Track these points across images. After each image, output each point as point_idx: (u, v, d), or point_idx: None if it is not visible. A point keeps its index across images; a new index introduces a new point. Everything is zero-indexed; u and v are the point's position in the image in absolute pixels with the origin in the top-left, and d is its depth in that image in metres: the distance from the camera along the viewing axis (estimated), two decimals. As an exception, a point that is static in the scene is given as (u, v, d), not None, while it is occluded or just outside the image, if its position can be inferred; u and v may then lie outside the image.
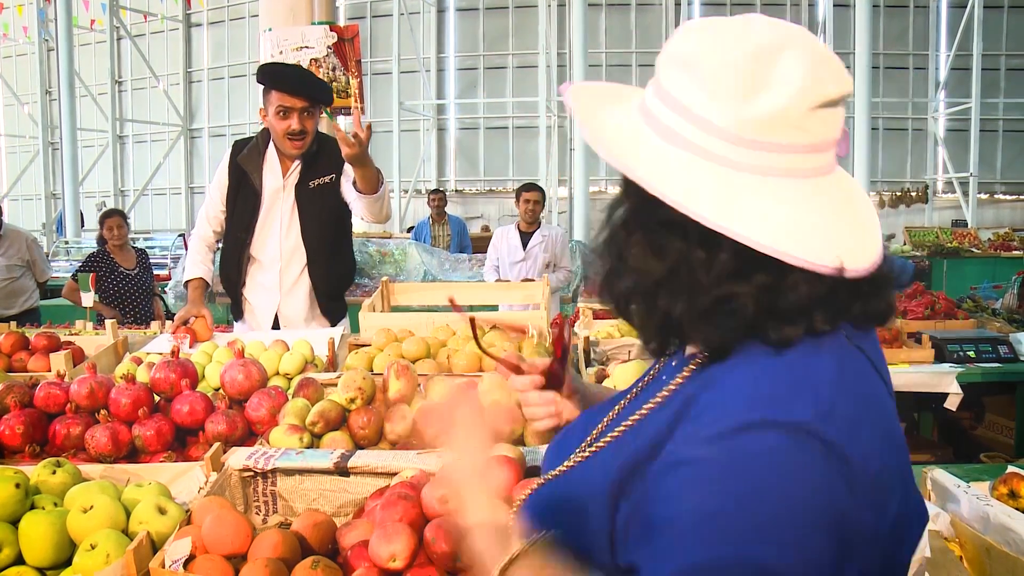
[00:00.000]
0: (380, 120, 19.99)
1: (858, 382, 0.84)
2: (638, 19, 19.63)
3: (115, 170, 21.37)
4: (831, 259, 0.79)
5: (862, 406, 0.82)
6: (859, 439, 0.78)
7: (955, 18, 18.70)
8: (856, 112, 14.18)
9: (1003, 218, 19.03)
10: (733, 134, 0.81)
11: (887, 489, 0.80)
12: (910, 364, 3.79)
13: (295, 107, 3.09)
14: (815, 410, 0.78)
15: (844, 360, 0.84)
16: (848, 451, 0.77)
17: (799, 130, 0.81)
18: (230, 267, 3.39)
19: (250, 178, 3.28)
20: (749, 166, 0.81)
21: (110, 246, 5.89)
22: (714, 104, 0.82)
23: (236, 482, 1.61)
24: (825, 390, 0.80)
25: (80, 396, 1.97)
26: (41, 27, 19.93)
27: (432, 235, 9.20)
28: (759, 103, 0.80)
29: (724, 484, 0.76)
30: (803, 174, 0.82)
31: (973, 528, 1.55)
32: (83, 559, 1.38)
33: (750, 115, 0.80)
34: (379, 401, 1.96)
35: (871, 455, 0.79)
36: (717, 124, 0.82)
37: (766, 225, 0.79)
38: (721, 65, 0.82)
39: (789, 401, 0.79)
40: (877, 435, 0.81)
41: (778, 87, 0.80)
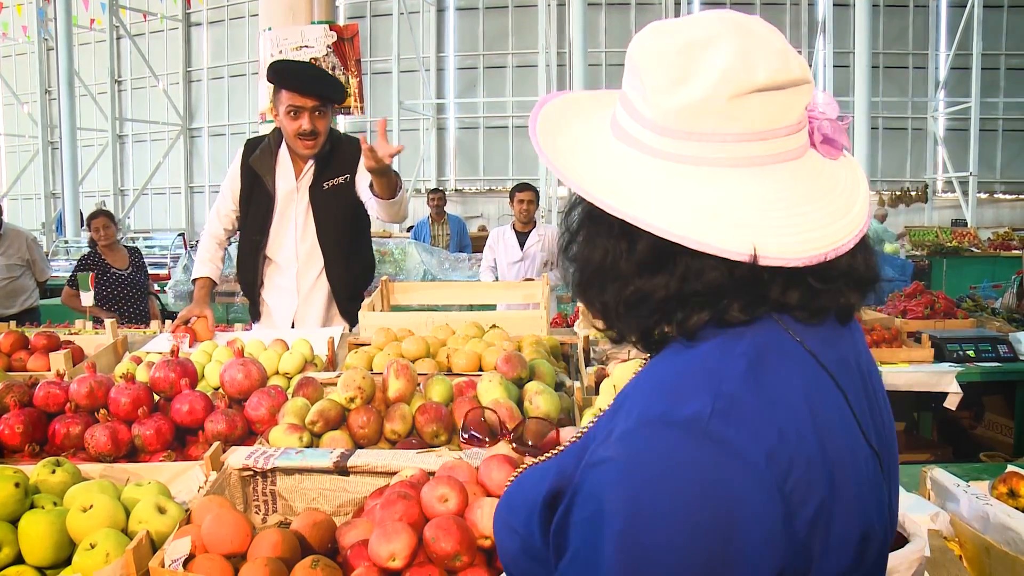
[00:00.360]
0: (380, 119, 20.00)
1: (779, 378, 0.81)
2: (638, 18, 19.63)
3: (115, 169, 21.38)
4: (744, 246, 0.78)
5: (779, 402, 0.79)
6: (764, 436, 0.76)
7: (955, 17, 18.71)
8: (856, 111, 14.19)
9: (1003, 217, 19.03)
10: (660, 125, 0.83)
11: (803, 488, 0.76)
12: (910, 363, 3.79)
13: (306, 107, 3.03)
14: (713, 406, 0.76)
15: (766, 354, 0.82)
16: (746, 448, 0.75)
17: (727, 118, 0.81)
18: (246, 269, 3.36)
19: (263, 180, 3.23)
20: (678, 156, 0.82)
21: (100, 247, 5.87)
22: (646, 97, 0.84)
23: (236, 481, 1.61)
24: (729, 384, 0.78)
25: (80, 395, 1.97)
26: (41, 26, 19.93)
27: (431, 234, 9.21)
28: (680, 93, 0.81)
29: (625, 483, 0.75)
30: (743, 163, 0.82)
31: (973, 527, 1.55)
32: (83, 558, 1.38)
33: (672, 105, 0.82)
34: (379, 400, 1.96)
35: (779, 453, 0.76)
36: (647, 116, 0.84)
37: (679, 214, 0.80)
38: (653, 60, 0.84)
39: (688, 396, 0.78)
40: (793, 432, 0.77)
41: (700, 77, 0.81)
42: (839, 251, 0.81)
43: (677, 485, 0.74)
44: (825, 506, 0.77)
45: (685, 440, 0.75)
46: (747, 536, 0.73)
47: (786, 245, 0.79)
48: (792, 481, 0.76)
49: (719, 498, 0.73)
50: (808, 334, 0.85)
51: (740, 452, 0.75)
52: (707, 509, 0.73)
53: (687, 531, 0.72)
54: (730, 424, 0.75)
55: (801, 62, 0.84)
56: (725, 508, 0.73)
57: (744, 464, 0.74)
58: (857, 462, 0.83)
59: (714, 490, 0.73)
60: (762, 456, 0.75)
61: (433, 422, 1.86)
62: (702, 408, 0.76)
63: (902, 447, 4.52)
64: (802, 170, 0.84)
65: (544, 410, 1.90)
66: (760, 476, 0.74)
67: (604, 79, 18.83)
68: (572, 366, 2.61)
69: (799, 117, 0.84)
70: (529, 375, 2.11)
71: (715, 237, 0.78)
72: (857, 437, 0.84)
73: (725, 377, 0.79)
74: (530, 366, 2.13)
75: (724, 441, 0.75)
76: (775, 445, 0.76)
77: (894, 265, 9.12)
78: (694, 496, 0.73)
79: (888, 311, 4.52)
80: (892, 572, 1.23)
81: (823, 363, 0.84)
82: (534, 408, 1.91)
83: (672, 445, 0.75)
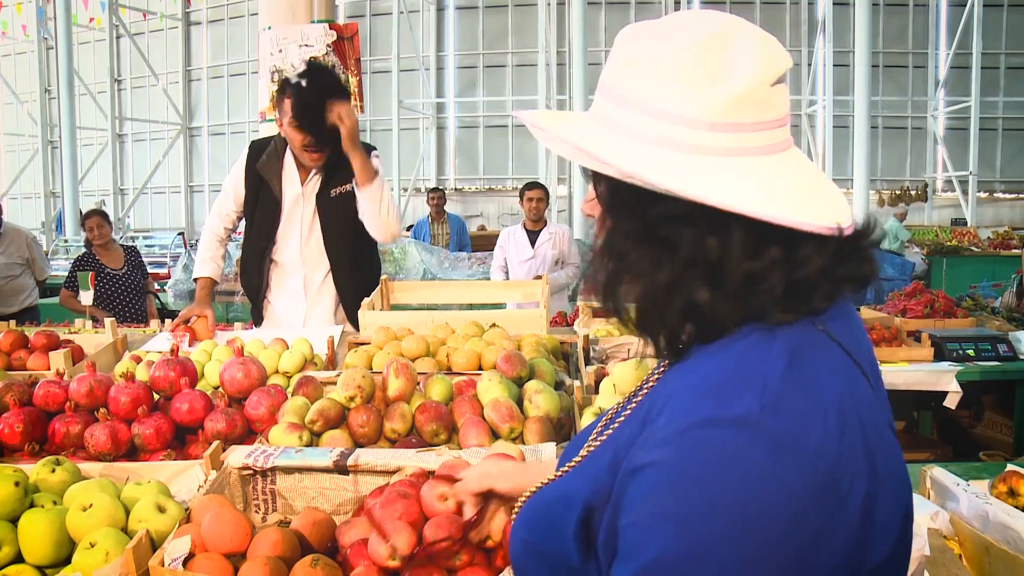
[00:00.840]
0: (380, 119, 20.02)
1: (817, 371, 0.82)
2: (637, 17, 19.59)
3: (114, 169, 21.38)
4: (829, 221, 0.80)
5: (821, 396, 0.80)
6: (812, 430, 0.77)
7: (955, 17, 18.71)
8: (856, 111, 14.20)
9: (1002, 216, 19.05)
10: (707, 121, 0.82)
11: (850, 478, 0.77)
12: (909, 363, 3.79)
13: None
14: (761, 403, 0.77)
15: (801, 349, 0.82)
16: (798, 443, 0.75)
17: (767, 106, 0.83)
18: (251, 274, 3.33)
19: (270, 186, 3.20)
20: (726, 150, 0.82)
21: (95, 247, 5.87)
22: (682, 97, 0.83)
23: (235, 480, 1.61)
24: (773, 383, 0.79)
25: (79, 394, 1.97)
26: (40, 25, 19.92)
27: (431, 233, 9.20)
28: (725, 88, 0.82)
29: (676, 485, 0.75)
30: (777, 148, 0.84)
31: (972, 526, 1.55)
32: (82, 557, 1.38)
33: (720, 100, 0.82)
34: (378, 399, 1.96)
35: (826, 446, 0.76)
36: (687, 115, 0.82)
37: (764, 200, 0.80)
38: (678, 59, 0.83)
39: (734, 397, 0.78)
40: (837, 424, 0.78)
41: (739, 69, 0.82)
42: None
43: (733, 483, 0.73)
44: (871, 494, 0.78)
45: (737, 438, 0.75)
46: (805, 530, 0.74)
47: (840, 215, 0.82)
48: (840, 472, 0.76)
49: (776, 494, 0.73)
50: (830, 323, 0.86)
51: (793, 447, 0.75)
52: (764, 505, 0.73)
53: (743, 528, 0.72)
54: (781, 420, 0.76)
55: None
56: (783, 503, 0.73)
57: (797, 459, 0.75)
58: (891, 446, 0.84)
59: (771, 486, 0.73)
60: (812, 450, 0.75)
61: (433, 421, 1.86)
62: (751, 406, 0.76)
63: (902, 446, 4.53)
64: (795, 150, 0.88)
65: (544, 409, 1.90)
66: (814, 470, 0.75)
67: (604, 78, 18.80)
68: (572, 365, 2.61)
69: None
70: (529, 374, 2.11)
71: (808, 217, 0.80)
72: (884, 420, 0.86)
73: (768, 376, 0.79)
74: (530, 365, 2.13)
75: (777, 437, 0.75)
76: (822, 439, 0.76)
77: (894, 264, 9.11)
78: (752, 493, 0.73)
79: (888, 310, 4.52)
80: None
81: (848, 351, 0.85)
82: (534, 407, 1.91)
83: (724, 444, 0.75)
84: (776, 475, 0.74)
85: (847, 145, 16.31)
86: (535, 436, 1.82)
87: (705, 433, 0.76)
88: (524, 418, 1.88)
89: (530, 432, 1.83)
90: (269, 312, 3.37)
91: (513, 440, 1.82)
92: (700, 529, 0.73)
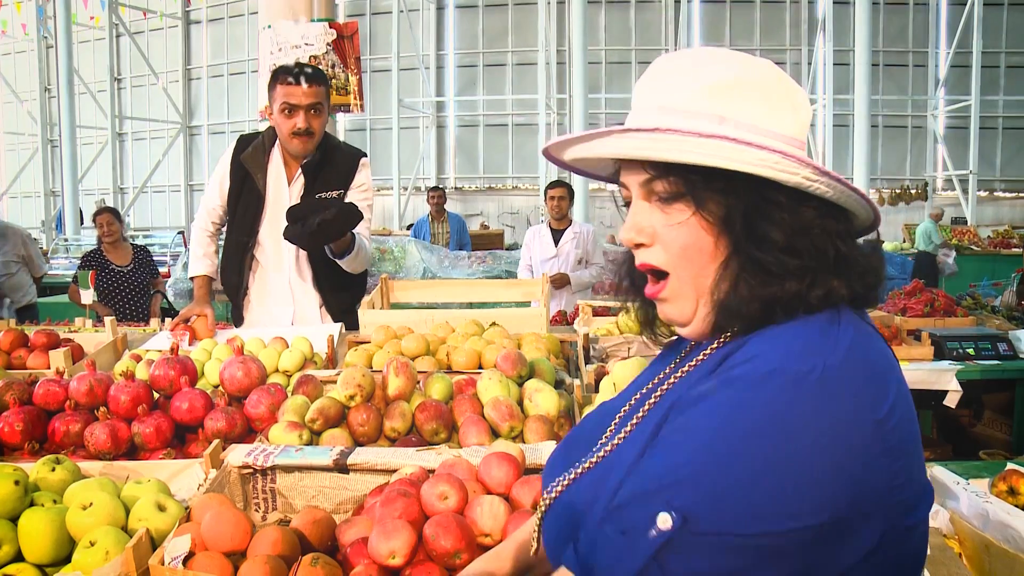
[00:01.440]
0: (380, 117, 20.01)
1: (874, 347, 0.90)
2: (638, 16, 19.63)
3: (114, 167, 21.38)
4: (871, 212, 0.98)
5: (878, 368, 0.87)
6: (870, 396, 0.83)
7: (955, 15, 18.71)
8: (856, 110, 14.19)
9: (1002, 215, 19.05)
10: (795, 139, 0.96)
11: (898, 444, 0.83)
12: (909, 361, 3.79)
13: (300, 104, 2.95)
14: (825, 364, 0.83)
15: (860, 329, 0.91)
16: (853, 405, 0.82)
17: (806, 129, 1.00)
18: (231, 271, 3.26)
19: (253, 179, 3.15)
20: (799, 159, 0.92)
21: (104, 244, 5.89)
22: (783, 116, 0.96)
23: (235, 479, 1.61)
24: (839, 351, 0.85)
25: (79, 393, 1.97)
26: (40, 24, 19.91)
27: (431, 232, 9.20)
28: (801, 115, 0.97)
29: (731, 420, 0.82)
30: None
31: (972, 525, 1.55)
32: (82, 556, 1.38)
33: (802, 122, 0.97)
34: (378, 398, 1.96)
35: (880, 406, 0.83)
36: (784, 133, 0.95)
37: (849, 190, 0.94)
38: (773, 88, 0.96)
39: (800, 357, 0.84)
40: (893, 393, 0.85)
41: (804, 99, 0.98)
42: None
43: (799, 429, 0.80)
44: (912, 461, 0.85)
45: (794, 389, 0.82)
46: (846, 475, 0.79)
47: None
48: (894, 438, 0.83)
49: (831, 446, 0.79)
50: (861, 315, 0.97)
51: (849, 402, 0.82)
52: (817, 453, 0.79)
53: (789, 471, 0.78)
54: (843, 383, 0.83)
55: None
56: (834, 454, 0.79)
57: (852, 413, 0.81)
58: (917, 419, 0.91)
59: (826, 438, 0.79)
60: (868, 414, 0.82)
61: (433, 420, 1.86)
62: (814, 366, 0.83)
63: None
64: None
65: (544, 408, 1.90)
66: (868, 431, 0.81)
67: (604, 77, 18.84)
68: (572, 364, 2.61)
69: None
70: (529, 373, 2.11)
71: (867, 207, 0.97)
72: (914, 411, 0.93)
73: (835, 346, 0.86)
74: (530, 364, 2.13)
75: (834, 395, 0.81)
76: (877, 398, 0.83)
77: (894, 263, 9.12)
78: (807, 439, 0.79)
79: (888, 309, 4.52)
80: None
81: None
82: (534, 406, 1.91)
83: (782, 392, 0.82)
84: (826, 423, 0.80)
85: (847, 144, 16.32)
86: (535, 435, 1.81)
87: (763, 381, 0.83)
88: (524, 417, 1.88)
89: (530, 431, 1.83)
90: (250, 312, 3.29)
91: (513, 439, 1.82)
92: (753, 462, 0.79)
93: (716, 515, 0.79)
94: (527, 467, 1.52)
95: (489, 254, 8.38)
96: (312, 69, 3.03)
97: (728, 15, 19.13)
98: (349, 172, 3.17)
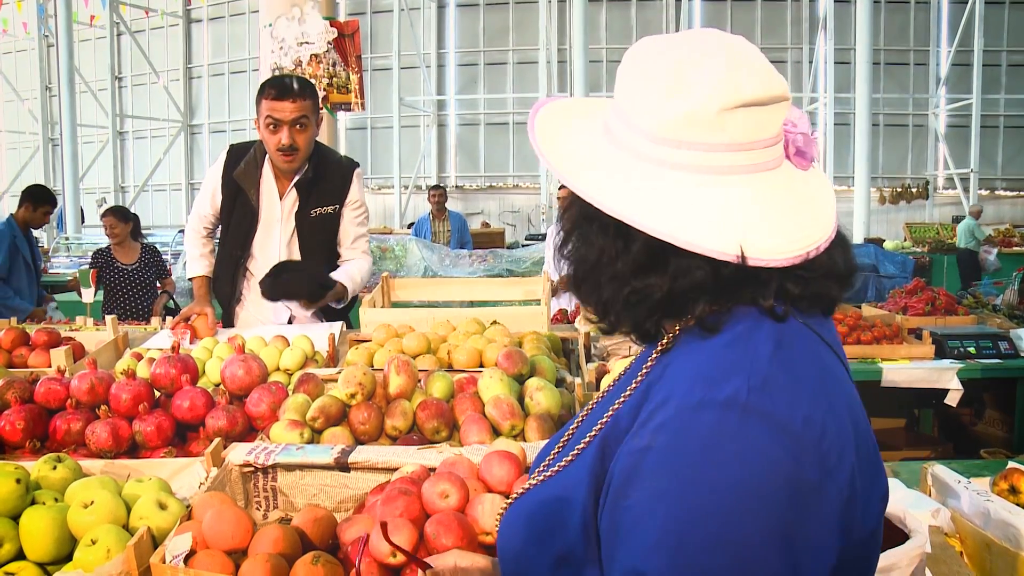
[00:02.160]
0: (380, 116, 20.01)
1: (803, 356, 0.87)
2: (639, 14, 19.62)
3: (115, 166, 21.37)
4: (731, 247, 0.84)
5: (806, 377, 0.85)
6: (798, 408, 0.81)
7: (956, 14, 18.69)
8: (857, 108, 14.17)
9: (1004, 214, 19.03)
10: (654, 134, 0.89)
11: (836, 454, 0.82)
12: (911, 360, 3.79)
13: (284, 119, 2.90)
14: (748, 384, 0.82)
15: (785, 335, 0.87)
16: (784, 418, 0.80)
17: (714, 129, 0.87)
18: (224, 282, 3.24)
19: (247, 195, 3.12)
20: (670, 163, 0.88)
21: (112, 244, 5.94)
22: (640, 107, 0.90)
23: (236, 477, 1.61)
24: (761, 365, 0.84)
25: (80, 392, 1.97)
26: (41, 23, 19.89)
27: (432, 231, 9.19)
28: (673, 105, 0.87)
29: (670, 465, 0.80)
30: (728, 171, 0.88)
31: (974, 524, 1.55)
32: (84, 554, 1.38)
33: (666, 116, 0.88)
34: (379, 396, 1.96)
35: (813, 422, 0.81)
36: (641, 126, 0.90)
37: (671, 216, 0.86)
38: (647, 73, 0.91)
39: (723, 380, 0.83)
40: (823, 403, 0.83)
41: (692, 91, 0.87)
42: (819, 250, 0.89)
43: (722, 460, 0.79)
44: (855, 471, 0.83)
45: (726, 416, 0.80)
46: (796, 499, 0.78)
47: (775, 246, 0.86)
48: (826, 447, 0.81)
49: (764, 466, 0.78)
50: (813, 322, 0.92)
51: (780, 423, 0.80)
52: (753, 478, 0.78)
53: (735, 500, 0.77)
54: (766, 398, 0.81)
55: (782, 80, 0.91)
56: (772, 475, 0.78)
57: (784, 432, 0.80)
58: (868, 430, 0.90)
59: (758, 459, 0.78)
60: (799, 425, 0.80)
61: (434, 418, 1.86)
62: (739, 387, 0.82)
63: (903, 444, 4.50)
64: (778, 179, 0.91)
65: (545, 406, 1.90)
66: (801, 441, 0.80)
67: (605, 75, 18.83)
68: (573, 362, 2.61)
69: (777, 131, 0.91)
70: (530, 371, 2.11)
71: (705, 238, 0.84)
72: (861, 406, 0.91)
73: (755, 359, 0.85)
74: (531, 362, 2.13)
75: (764, 414, 0.80)
76: (809, 411, 0.82)
77: (895, 262, 9.11)
78: (741, 468, 0.78)
79: (889, 307, 4.52)
80: (893, 568, 1.23)
81: (827, 342, 0.92)
82: (535, 404, 1.91)
83: (712, 424, 0.80)
84: (763, 449, 0.79)
85: (848, 143, 16.30)
86: (536, 433, 1.82)
87: (696, 415, 0.82)
88: (525, 415, 1.88)
89: (531, 429, 1.83)
90: (243, 321, 3.27)
91: (514, 437, 1.82)
92: (694, 505, 0.78)
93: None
94: (528, 466, 1.52)
95: (490, 252, 8.38)
96: (298, 82, 2.98)
97: (729, 13, 19.11)
98: (343, 186, 3.15)
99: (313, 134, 3.02)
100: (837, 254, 0.93)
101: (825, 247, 0.89)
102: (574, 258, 0.97)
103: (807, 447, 0.80)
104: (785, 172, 0.92)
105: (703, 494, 0.78)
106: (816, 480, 0.79)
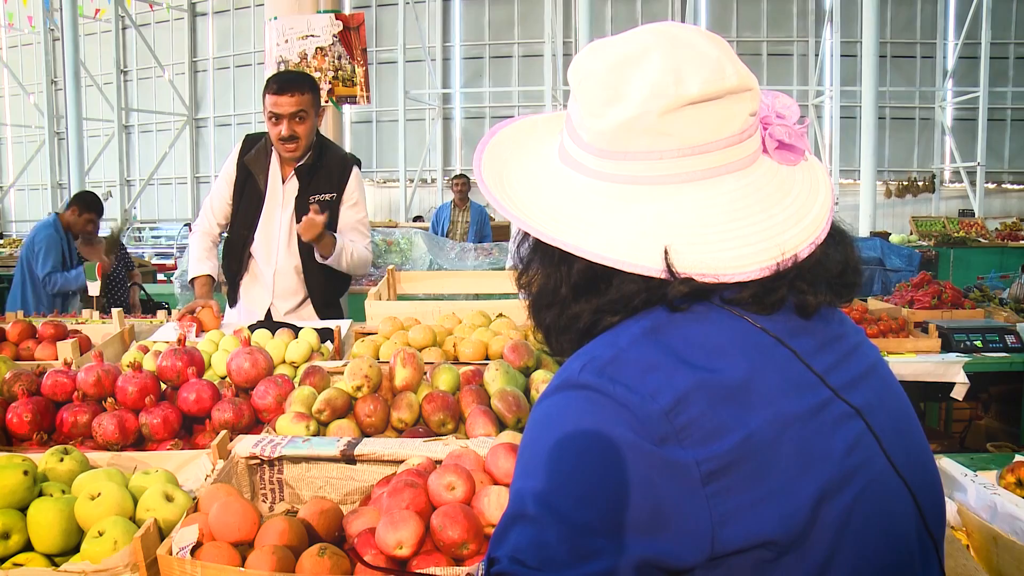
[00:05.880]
0: (386, 109, 19.99)
1: (691, 333, 0.82)
2: (644, 7, 19.54)
3: (121, 160, 21.38)
4: (659, 263, 0.81)
5: (674, 350, 0.81)
6: (647, 379, 0.79)
7: (963, 6, 18.57)
8: (863, 101, 14.09)
9: (1011, 207, 18.94)
10: (596, 147, 0.85)
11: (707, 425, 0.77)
12: (917, 354, 3.78)
13: (284, 113, 3.14)
14: (583, 364, 0.82)
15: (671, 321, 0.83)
16: (615, 391, 0.79)
17: (660, 134, 0.81)
18: (232, 260, 3.47)
19: (255, 179, 3.35)
20: (616, 176, 0.84)
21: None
22: (582, 120, 0.86)
23: (243, 470, 1.62)
24: (611, 349, 0.83)
25: (87, 384, 1.97)
26: (46, 16, 19.90)
27: (451, 219, 9.08)
28: (612, 113, 0.82)
29: (522, 451, 0.85)
30: (681, 178, 0.83)
31: (980, 517, 1.55)
32: (91, 546, 1.38)
33: (606, 126, 0.83)
34: (385, 389, 1.96)
35: (662, 393, 0.78)
36: (584, 139, 0.86)
37: (606, 235, 0.83)
38: (587, 81, 0.86)
39: (569, 365, 0.85)
40: (690, 376, 0.79)
41: (629, 95, 0.81)
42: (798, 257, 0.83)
43: (555, 436, 0.81)
44: (746, 445, 0.77)
45: (560, 399, 0.83)
46: (634, 466, 0.76)
47: (721, 260, 0.81)
48: (683, 420, 0.77)
49: (596, 437, 0.78)
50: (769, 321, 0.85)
51: (614, 395, 0.79)
52: (585, 451, 0.78)
53: (570, 471, 0.79)
54: (602, 375, 0.80)
55: (739, 69, 0.82)
56: (603, 445, 0.78)
57: (619, 405, 0.78)
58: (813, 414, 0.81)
59: (589, 431, 0.79)
60: (636, 397, 0.78)
61: (440, 411, 1.86)
62: (573, 369, 0.83)
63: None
64: (748, 180, 0.84)
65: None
66: (632, 412, 0.78)
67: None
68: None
69: (742, 126, 0.83)
70: (536, 364, 2.11)
71: (638, 256, 0.82)
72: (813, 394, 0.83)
73: (611, 344, 0.84)
74: (537, 355, 2.13)
75: (590, 387, 0.80)
76: (657, 390, 0.78)
77: (901, 255, 9.08)
78: (571, 441, 0.79)
79: (895, 301, 4.51)
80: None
81: (765, 328, 0.84)
82: (540, 397, 1.91)
83: (549, 407, 0.84)
84: (594, 421, 0.79)
85: (854, 136, 16.24)
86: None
87: (541, 405, 0.86)
88: (531, 408, 1.87)
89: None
90: (241, 296, 3.49)
91: (520, 430, 1.82)
92: (538, 481, 0.80)
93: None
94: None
95: (495, 246, 8.36)
96: (297, 77, 3.23)
97: (735, 6, 19.03)
98: (341, 177, 3.36)
99: (313, 124, 3.26)
100: (831, 254, 0.88)
101: (805, 254, 0.83)
102: (527, 288, 0.98)
103: (642, 417, 0.77)
104: (760, 170, 0.86)
105: (540, 470, 0.80)
106: (651, 448, 0.76)
